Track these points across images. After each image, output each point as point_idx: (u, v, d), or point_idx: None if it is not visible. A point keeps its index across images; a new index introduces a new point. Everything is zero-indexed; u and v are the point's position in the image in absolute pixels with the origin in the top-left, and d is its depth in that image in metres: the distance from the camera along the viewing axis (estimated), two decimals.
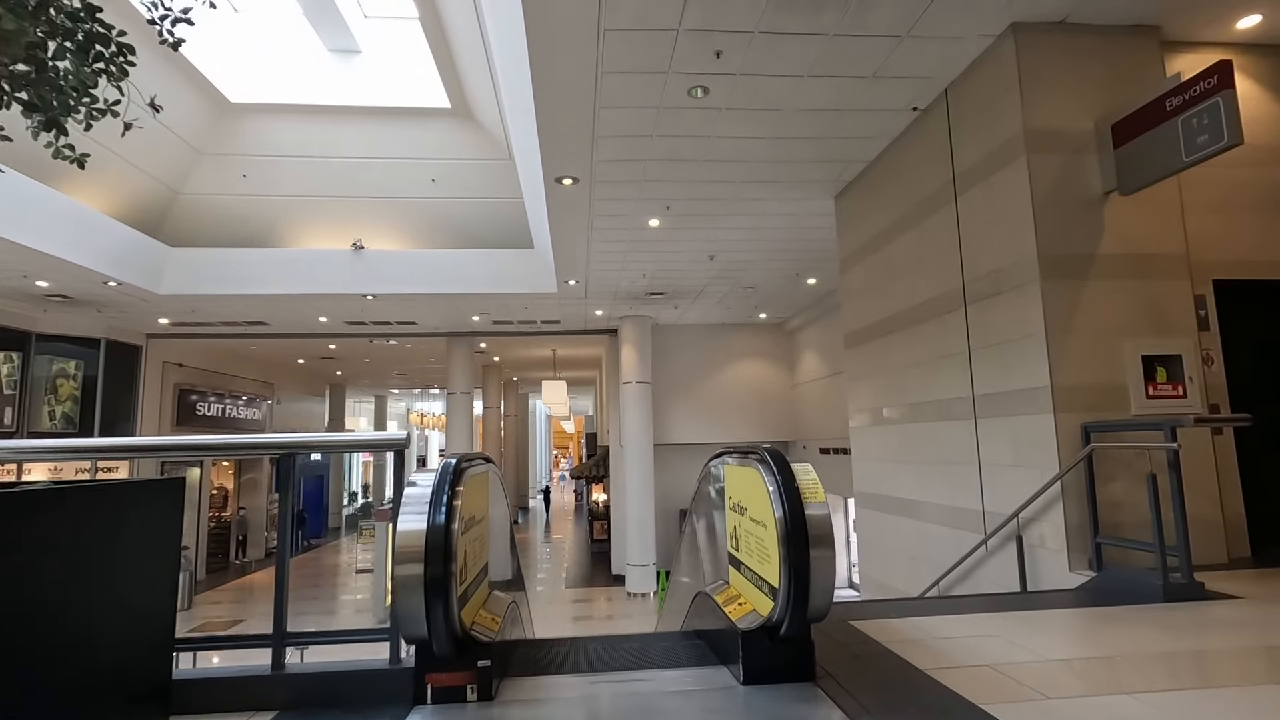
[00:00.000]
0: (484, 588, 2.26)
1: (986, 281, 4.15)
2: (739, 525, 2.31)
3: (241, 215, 9.87)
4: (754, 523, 2.12)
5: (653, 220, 7.14)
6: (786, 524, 1.85)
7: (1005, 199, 3.96)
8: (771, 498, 1.92)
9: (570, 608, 11.26)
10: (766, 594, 1.99)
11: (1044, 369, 3.64)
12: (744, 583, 2.25)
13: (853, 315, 6.27)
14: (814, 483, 1.95)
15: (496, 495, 2.76)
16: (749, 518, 2.18)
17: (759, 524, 2.06)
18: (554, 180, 5.98)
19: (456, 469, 1.91)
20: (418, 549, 1.74)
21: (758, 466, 2.06)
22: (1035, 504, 3.68)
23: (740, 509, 2.29)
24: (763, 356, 13.69)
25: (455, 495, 1.86)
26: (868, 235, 5.91)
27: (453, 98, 9.07)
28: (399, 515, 1.80)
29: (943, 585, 4.57)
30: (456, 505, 1.84)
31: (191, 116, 8.92)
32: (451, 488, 1.85)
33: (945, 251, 4.64)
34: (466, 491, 1.98)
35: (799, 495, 1.88)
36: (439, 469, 1.90)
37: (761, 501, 2.03)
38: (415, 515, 1.79)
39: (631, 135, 5.18)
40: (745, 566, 2.23)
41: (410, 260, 9.86)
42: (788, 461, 1.99)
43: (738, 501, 2.32)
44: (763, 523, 2.02)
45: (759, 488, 2.05)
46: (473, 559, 2.05)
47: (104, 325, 11.61)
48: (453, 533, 1.79)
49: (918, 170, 5.04)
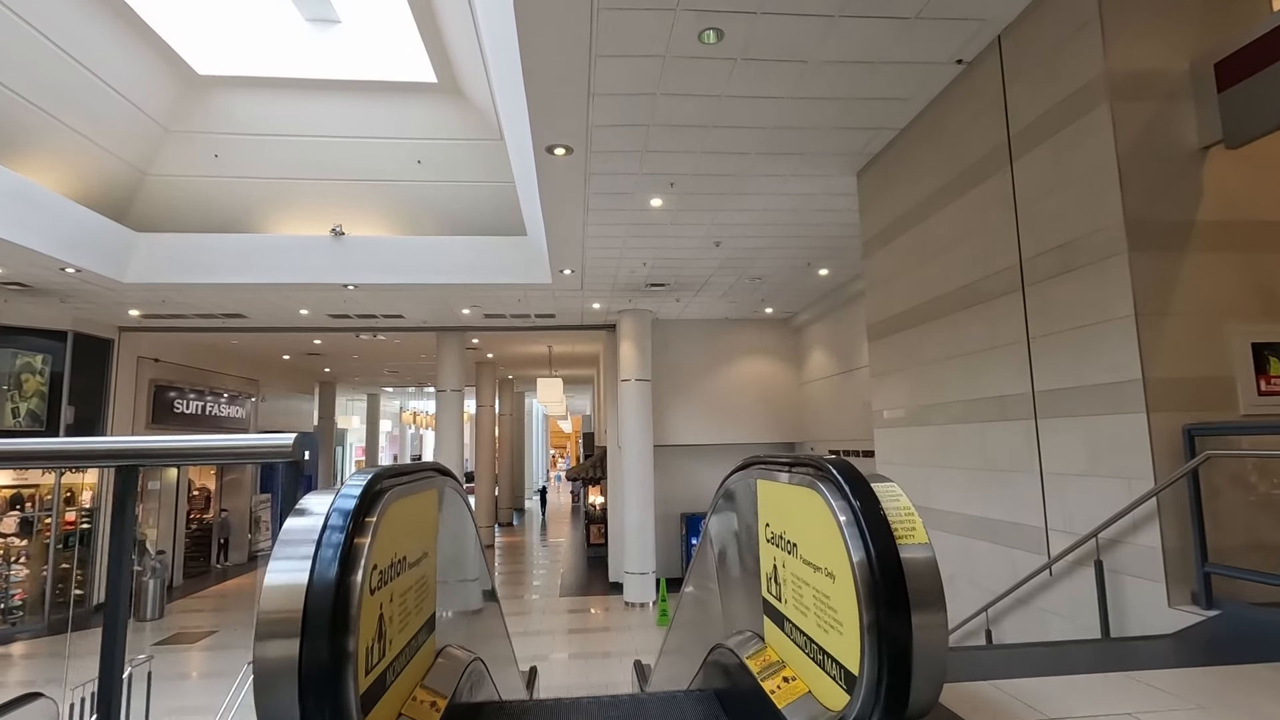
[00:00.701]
0: (424, 655, 1.61)
1: (1053, 258, 3.51)
2: (781, 566, 1.67)
3: (213, 198, 9.20)
4: (809, 567, 1.47)
5: (655, 200, 6.49)
6: (873, 576, 1.21)
7: (1079, 158, 3.32)
8: (844, 534, 1.28)
9: (565, 618, 10.61)
10: (834, 677, 1.34)
11: (1133, 359, 2.99)
12: (790, 649, 1.61)
13: (877, 304, 5.63)
14: (909, 512, 1.30)
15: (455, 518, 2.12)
16: (800, 559, 1.53)
17: (819, 571, 1.42)
18: (545, 150, 5.33)
19: (368, 492, 1.26)
20: (292, 616, 1.09)
21: (818, 487, 1.41)
22: (1120, 522, 3.03)
23: (784, 543, 1.65)
24: (768, 354, 13.05)
25: (363, 531, 1.21)
26: (896, 213, 5.27)
27: (439, 72, 8.42)
28: (271, 563, 1.16)
29: (992, 612, 3.92)
30: (363, 546, 1.19)
31: (156, 90, 8.26)
32: (356, 522, 1.20)
33: (996, 226, 4.00)
34: (390, 523, 1.34)
35: (890, 532, 1.24)
36: (338, 494, 1.25)
37: (823, 538, 1.39)
38: (294, 564, 1.14)
39: (632, 93, 4.53)
40: (793, 626, 1.59)
41: (394, 247, 9.20)
42: (865, 479, 1.35)
43: (780, 532, 1.68)
44: (826, 570, 1.38)
45: (819, 518, 1.40)
46: (399, 622, 1.40)
47: (70, 317, 10.95)
48: (352, 589, 1.14)
49: (960, 135, 4.40)
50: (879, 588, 1.19)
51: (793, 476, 1.60)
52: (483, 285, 9.48)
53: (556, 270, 8.85)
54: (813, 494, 1.44)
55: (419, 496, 1.62)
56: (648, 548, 11.20)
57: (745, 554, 2.08)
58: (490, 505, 18.50)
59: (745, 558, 2.08)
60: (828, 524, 1.36)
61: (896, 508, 1.31)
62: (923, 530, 1.27)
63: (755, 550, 1.91)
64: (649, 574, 11.14)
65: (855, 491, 1.31)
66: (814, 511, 1.44)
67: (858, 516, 1.27)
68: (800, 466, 1.56)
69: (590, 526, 16.11)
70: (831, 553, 1.35)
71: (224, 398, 15.50)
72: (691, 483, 12.75)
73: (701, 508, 12.54)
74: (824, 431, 11.69)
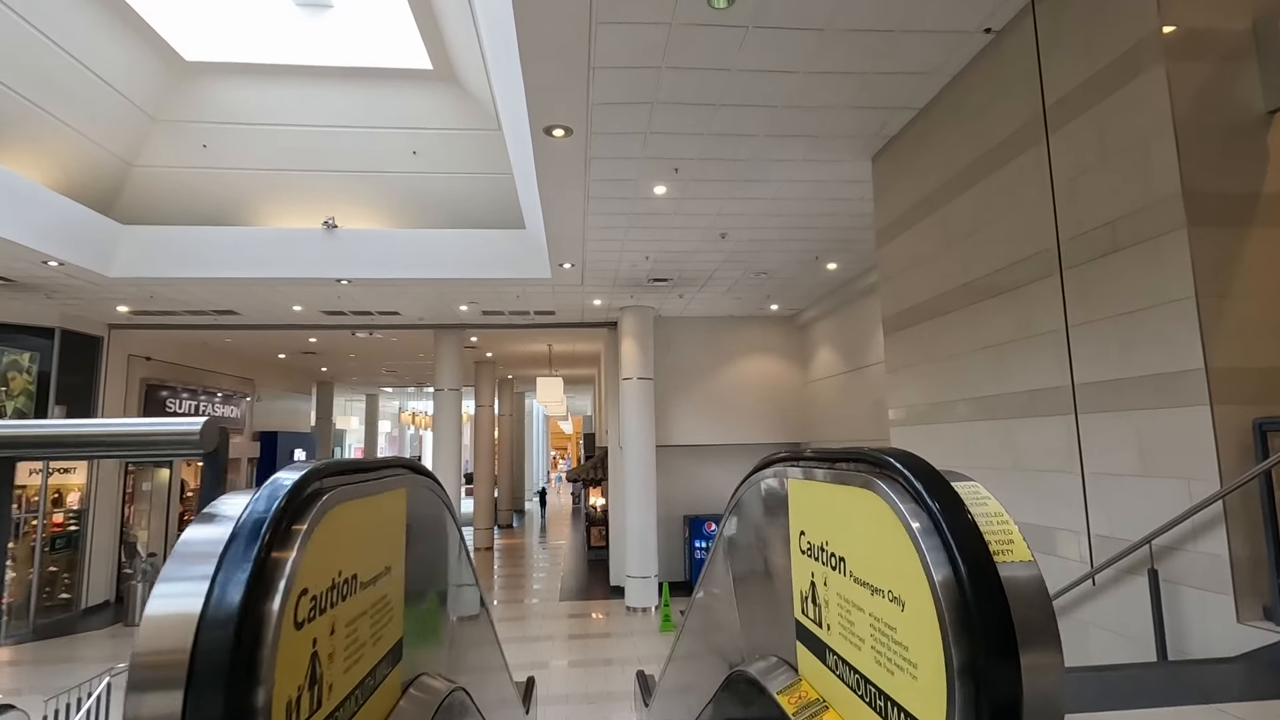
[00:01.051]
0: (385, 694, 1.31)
1: (1096, 237, 3.21)
2: (822, 584, 1.36)
3: (201, 190, 8.92)
4: (863, 588, 1.17)
5: (658, 187, 6.20)
6: (965, 603, 0.91)
7: (1128, 127, 3.02)
8: (919, 547, 0.98)
9: (565, 624, 10.30)
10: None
11: (1193, 346, 2.69)
12: (835, 686, 1.31)
13: (894, 295, 5.33)
14: (1003, 519, 1.00)
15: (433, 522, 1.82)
16: (850, 577, 1.23)
17: (878, 594, 1.12)
18: (543, 133, 5.04)
19: (298, 492, 0.97)
20: (176, 659, 0.79)
21: (876, 486, 1.11)
22: (1179, 527, 2.73)
23: (826, 556, 1.34)
24: (773, 352, 12.74)
25: (286, 543, 0.91)
26: (914, 199, 4.97)
27: (435, 58, 8.13)
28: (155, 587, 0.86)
29: None
30: (285, 564, 0.89)
31: (142, 77, 7.98)
32: (276, 531, 0.90)
33: (1029, 206, 3.70)
34: (332, 533, 1.04)
35: (985, 546, 0.94)
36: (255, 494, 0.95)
37: (886, 551, 1.09)
38: (186, 587, 0.84)
39: (635, 66, 4.23)
40: (840, 660, 1.28)
41: (388, 240, 8.90)
42: (943, 476, 1.05)
43: (820, 543, 1.38)
44: (890, 593, 1.08)
45: (878, 525, 1.10)
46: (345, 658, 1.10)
47: (58, 314, 10.67)
48: (266, 621, 0.84)
49: (985, 111, 4.10)
50: (975, 619, 0.89)
51: (837, 473, 1.30)
52: (480, 280, 9.19)
53: (556, 264, 8.56)
54: (869, 495, 1.14)
55: (380, 499, 1.32)
56: (650, 551, 10.89)
57: (771, 566, 1.78)
58: (489, 507, 18.19)
59: (771, 570, 1.78)
60: (892, 534, 1.06)
61: (986, 513, 1.01)
62: (1023, 543, 0.98)
63: (785, 562, 1.61)
64: (651, 578, 10.83)
65: (932, 491, 1.01)
66: (871, 517, 1.14)
67: (939, 524, 0.97)
68: (848, 461, 1.26)
69: (591, 529, 15.80)
70: (899, 571, 1.05)
71: (218, 397, 15.21)
72: (694, 484, 12.44)
73: (705, 509, 12.23)
74: (830, 431, 11.38)
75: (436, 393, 12.65)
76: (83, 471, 11.68)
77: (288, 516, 0.95)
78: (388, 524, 1.39)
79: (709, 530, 11.95)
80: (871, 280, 9.24)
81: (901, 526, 1.04)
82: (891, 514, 1.07)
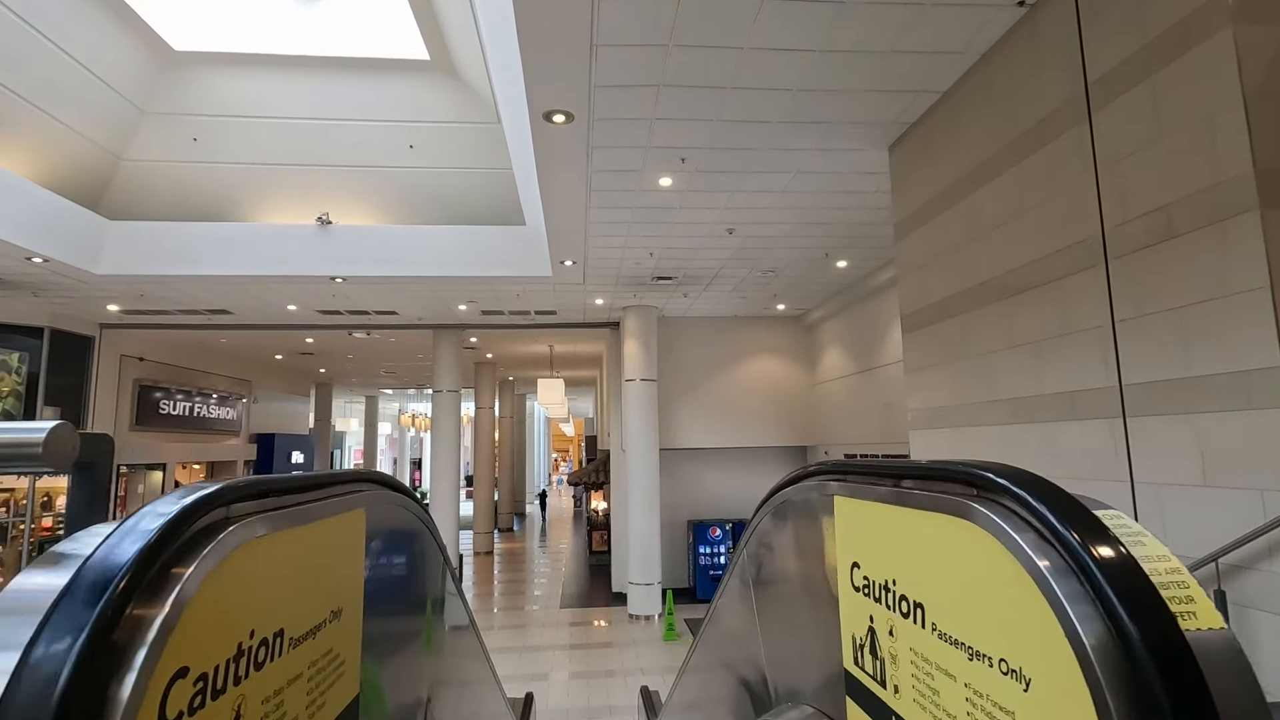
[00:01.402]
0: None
1: (1148, 223, 2.92)
2: (886, 633, 1.08)
3: (191, 185, 8.66)
4: (956, 650, 0.88)
5: (664, 179, 5.92)
6: (1142, 690, 0.62)
7: (1188, 100, 2.73)
8: (1057, 603, 0.69)
9: (565, 632, 10.01)
10: None
11: (1269, 342, 2.40)
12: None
13: (914, 292, 5.04)
14: (1171, 564, 0.72)
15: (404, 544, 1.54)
16: (933, 631, 0.94)
17: (981, 660, 0.83)
18: (543, 118, 4.76)
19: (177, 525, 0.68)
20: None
21: (982, 516, 0.82)
22: (1251, 544, 2.44)
23: (894, 600, 1.06)
24: (779, 353, 12.45)
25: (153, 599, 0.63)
26: (936, 189, 4.69)
27: (432, 48, 7.87)
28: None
29: None
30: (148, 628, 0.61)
31: (129, 67, 7.72)
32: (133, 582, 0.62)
33: (1066, 193, 3.42)
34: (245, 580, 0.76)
35: (1165, 606, 0.65)
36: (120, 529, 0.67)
37: (993, 606, 0.80)
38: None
39: (641, 44, 3.95)
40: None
41: (384, 237, 8.64)
42: (1082, 503, 0.76)
43: (884, 581, 1.09)
44: (1002, 663, 0.79)
45: (986, 569, 0.82)
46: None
47: (47, 312, 10.41)
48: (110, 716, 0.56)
49: (1017, 92, 3.82)
50: (1164, 712, 0.60)
51: (912, 493, 1.01)
52: (479, 278, 8.91)
53: (557, 261, 8.28)
54: (962, 525, 0.86)
55: (326, 526, 1.04)
56: (653, 557, 10.59)
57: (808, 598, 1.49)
58: (489, 510, 17.91)
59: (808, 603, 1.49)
60: (1003, 578, 0.77)
61: (1147, 556, 0.72)
62: (1207, 600, 0.69)
63: (828, 596, 1.32)
64: (654, 585, 10.53)
65: (1070, 521, 0.72)
66: (967, 554, 0.85)
67: (1085, 568, 0.69)
68: (930, 479, 0.98)
69: (592, 533, 15.50)
70: (1016, 631, 0.76)
71: (213, 398, 14.96)
72: (699, 488, 12.14)
73: (709, 514, 11.93)
74: (839, 434, 11.09)
75: (435, 394, 12.37)
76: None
77: (163, 559, 0.67)
78: (338, 556, 1.10)
79: (713, 536, 11.65)
80: (883, 278, 8.96)
81: (1021, 569, 0.75)
82: (1002, 552, 0.79)
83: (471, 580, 14.13)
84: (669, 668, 8.08)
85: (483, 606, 11.98)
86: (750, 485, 12.14)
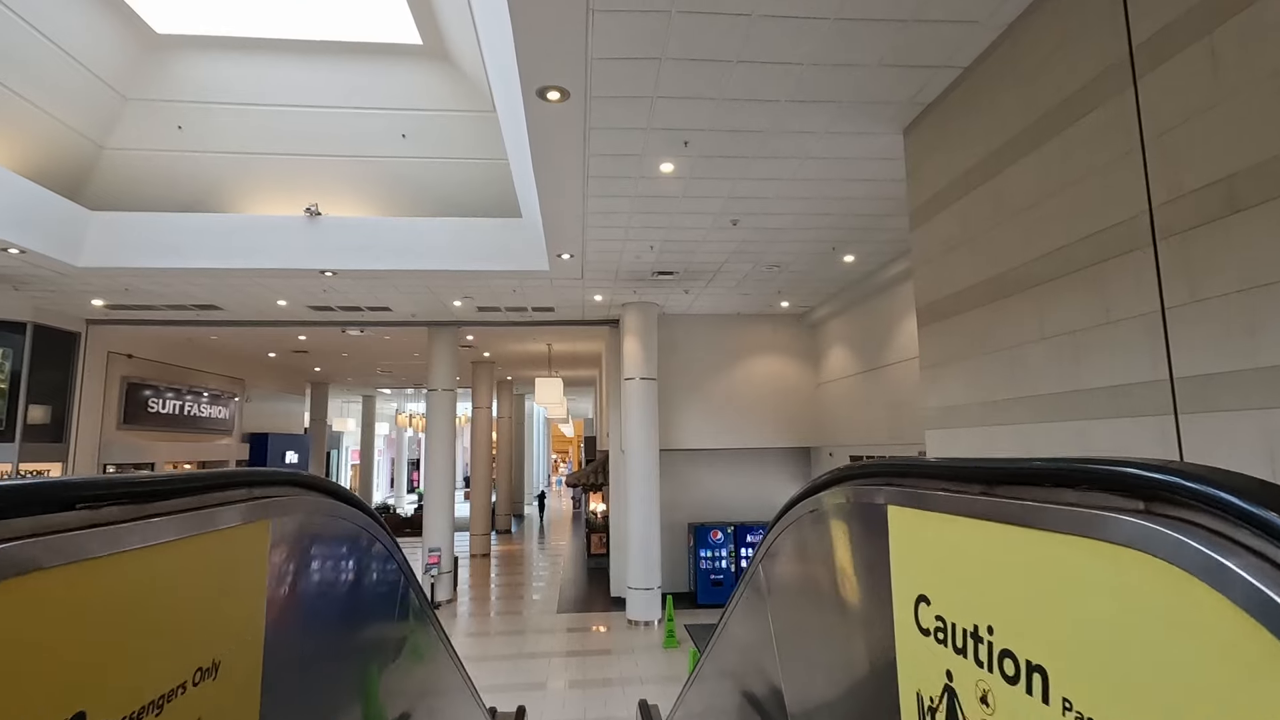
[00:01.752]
0: None
1: (1205, 198, 2.63)
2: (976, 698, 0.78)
3: (176, 174, 8.37)
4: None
5: (665, 165, 5.63)
6: None
7: (1255, 57, 2.44)
8: None
9: (563, 638, 9.70)
10: None
11: None
12: None
13: (932, 281, 4.74)
14: None
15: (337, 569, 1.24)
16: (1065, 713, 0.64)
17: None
18: (537, 96, 4.47)
19: None
20: None
21: (1175, 543, 0.52)
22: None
23: (990, 655, 0.76)
24: (783, 351, 12.15)
25: None
26: (957, 171, 4.39)
27: (425, 32, 7.59)
28: None
29: None
30: None
31: (110, 51, 7.44)
32: None
33: (1107, 168, 3.12)
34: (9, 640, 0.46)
35: None
36: None
37: (1191, 687, 0.50)
38: None
39: (642, 9, 3.66)
40: None
41: (375, 229, 8.34)
42: None
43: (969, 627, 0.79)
44: None
45: (1182, 625, 0.52)
46: None
47: (30, 307, 10.12)
48: None
49: (1048, 62, 3.52)
50: None
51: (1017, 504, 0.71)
52: (474, 272, 8.62)
53: (554, 255, 7.99)
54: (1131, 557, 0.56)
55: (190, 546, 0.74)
56: (653, 561, 10.29)
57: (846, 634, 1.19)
58: (486, 512, 17.61)
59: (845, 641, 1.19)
60: (1228, 639, 0.48)
61: None
62: None
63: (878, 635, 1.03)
64: (654, 589, 10.23)
65: None
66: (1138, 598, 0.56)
67: None
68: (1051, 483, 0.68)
69: (591, 535, 15.20)
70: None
71: (205, 397, 14.66)
72: (700, 490, 11.85)
73: (711, 517, 11.63)
74: (843, 435, 10.79)
75: (430, 393, 12.07)
76: (56, 470, 11.12)
77: None
78: (219, 587, 0.80)
79: (715, 539, 11.35)
80: (892, 273, 8.66)
81: (1259, 627, 0.45)
82: (1215, 598, 0.49)
83: (467, 584, 13.83)
84: (669, 676, 7.77)
85: (479, 611, 11.68)
86: (752, 487, 11.84)
